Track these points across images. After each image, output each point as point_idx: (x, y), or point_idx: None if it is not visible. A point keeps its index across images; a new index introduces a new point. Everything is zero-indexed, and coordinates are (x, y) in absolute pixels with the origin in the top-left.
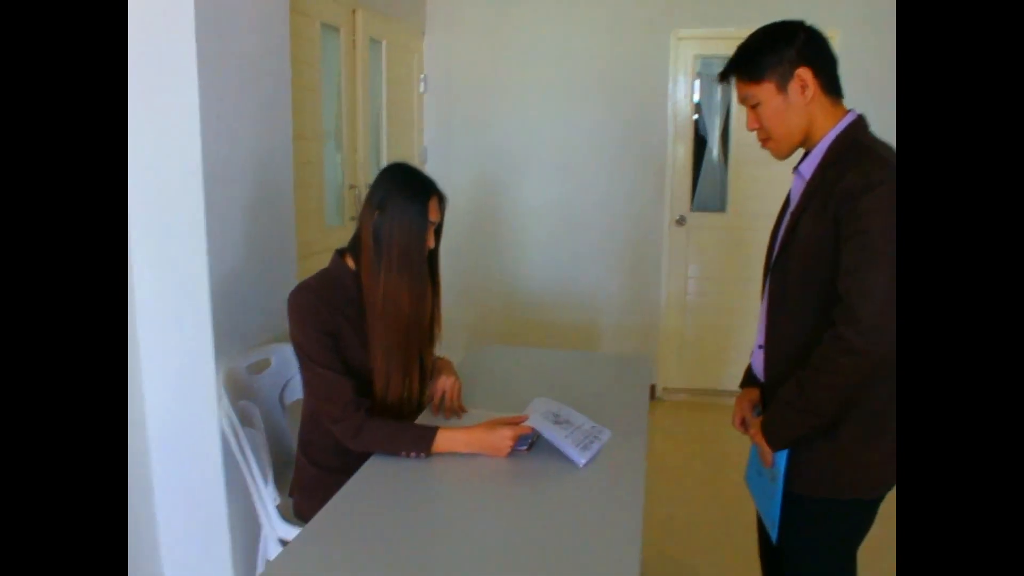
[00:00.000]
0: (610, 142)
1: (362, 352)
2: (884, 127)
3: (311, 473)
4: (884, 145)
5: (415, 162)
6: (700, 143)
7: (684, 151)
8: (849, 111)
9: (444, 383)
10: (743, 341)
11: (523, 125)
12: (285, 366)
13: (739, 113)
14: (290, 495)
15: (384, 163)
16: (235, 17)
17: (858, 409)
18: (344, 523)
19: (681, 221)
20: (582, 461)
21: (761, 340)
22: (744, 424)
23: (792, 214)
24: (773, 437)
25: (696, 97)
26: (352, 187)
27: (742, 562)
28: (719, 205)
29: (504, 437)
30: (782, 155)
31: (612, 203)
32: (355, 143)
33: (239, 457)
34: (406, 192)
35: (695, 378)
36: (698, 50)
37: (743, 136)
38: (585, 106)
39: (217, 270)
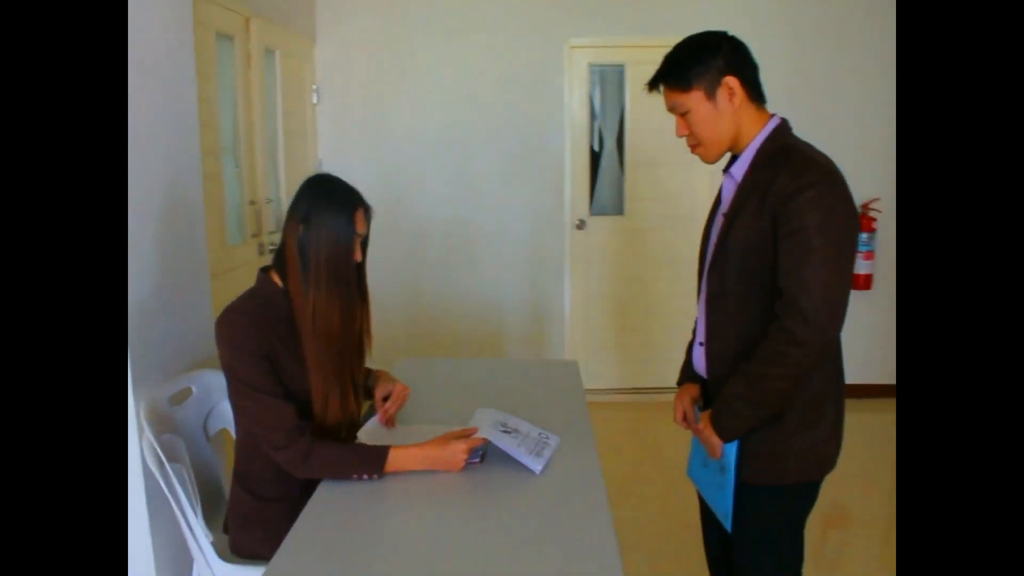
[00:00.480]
0: (508, 149)
1: (299, 373)
2: None
3: (250, 505)
4: (810, 147)
5: (305, 174)
6: (597, 149)
7: (581, 157)
8: (772, 115)
9: (399, 389)
10: (648, 339)
11: (420, 134)
12: (207, 395)
13: (633, 118)
14: (224, 531)
15: (282, 178)
16: (139, 25)
17: (798, 396)
18: (307, 556)
19: (581, 225)
20: (538, 468)
21: (702, 338)
22: (685, 419)
23: (726, 215)
24: (724, 430)
25: (592, 104)
26: (252, 203)
27: (690, 556)
28: (617, 208)
29: (458, 451)
30: (711, 159)
31: (513, 210)
32: (254, 157)
33: (168, 495)
34: (331, 204)
35: (603, 378)
36: (591, 58)
37: (638, 141)
38: (482, 114)
39: (133, 296)
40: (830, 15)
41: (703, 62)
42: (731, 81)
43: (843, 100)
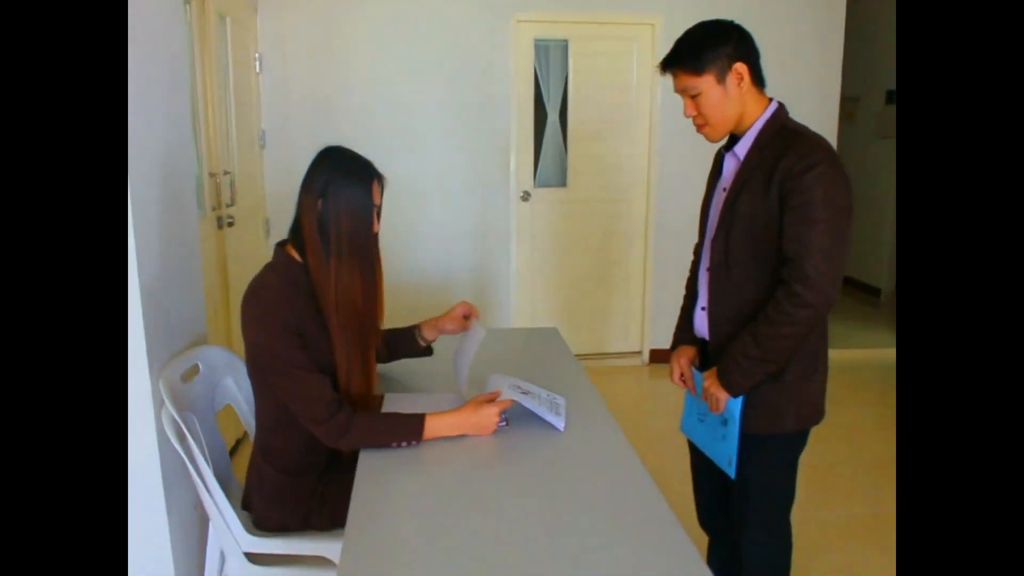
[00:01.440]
0: (454, 122)
1: (325, 346)
2: None
3: (277, 481)
4: (808, 129)
5: (252, 146)
6: (541, 122)
7: (526, 129)
8: (771, 99)
9: (462, 308)
10: (591, 307)
11: (365, 106)
12: (212, 371)
13: (576, 93)
14: (244, 507)
15: (235, 149)
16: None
17: (797, 353)
18: (379, 523)
19: (526, 197)
20: (562, 426)
21: (704, 303)
22: (683, 379)
23: (730, 190)
24: (733, 386)
25: (537, 77)
26: (212, 175)
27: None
28: (560, 180)
29: (490, 415)
30: (716, 138)
31: (460, 182)
32: (211, 128)
33: (191, 470)
34: (348, 177)
35: None
36: (536, 33)
37: (580, 114)
38: (428, 88)
39: (143, 274)
40: None
41: (715, 48)
42: (740, 67)
43: (785, 76)
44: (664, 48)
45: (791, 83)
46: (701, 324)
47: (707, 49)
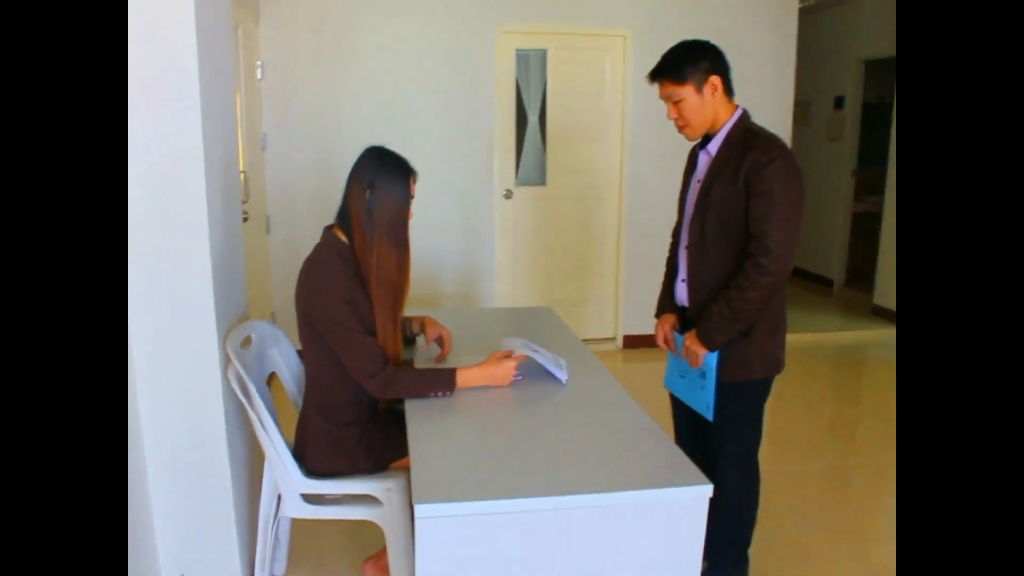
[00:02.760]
0: (442, 126)
1: (368, 315)
2: (671, 125)
3: (328, 431)
4: (765, 130)
5: (256, 148)
6: (522, 126)
7: (508, 132)
8: (737, 106)
9: (447, 333)
10: (568, 296)
11: (358, 111)
12: (262, 342)
13: (554, 98)
14: (294, 456)
15: (244, 150)
16: (206, 10)
17: (763, 314)
18: (432, 451)
19: (508, 195)
20: (564, 378)
21: (683, 275)
22: (666, 341)
23: (704, 181)
24: (709, 342)
25: (518, 84)
26: (243, 172)
27: None
28: (540, 179)
29: (509, 368)
30: (694, 138)
31: (447, 182)
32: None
33: (255, 419)
34: (392, 173)
35: None
36: (517, 43)
37: (558, 118)
38: (418, 94)
39: (214, 253)
40: (734, 6)
41: (696, 63)
42: (715, 79)
43: (744, 82)
44: (634, 57)
45: (750, 90)
46: (682, 294)
47: (688, 63)
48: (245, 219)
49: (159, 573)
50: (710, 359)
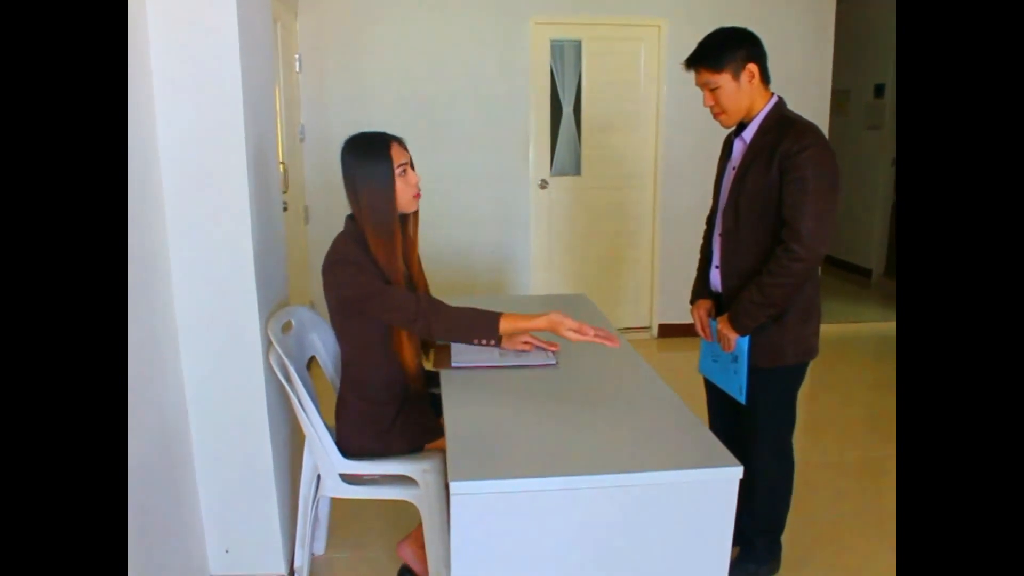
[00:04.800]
0: (477, 116)
1: None
2: (706, 115)
3: (362, 409)
4: (801, 117)
5: (295, 140)
6: (556, 116)
7: (543, 122)
8: (773, 94)
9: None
10: (604, 284)
11: (395, 102)
12: (302, 327)
13: (589, 88)
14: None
15: (283, 139)
16: (247, 6)
17: (796, 300)
18: (468, 428)
19: (543, 184)
20: (554, 361)
21: (717, 262)
22: (702, 327)
23: (739, 168)
24: (740, 326)
25: (553, 74)
26: (282, 163)
27: None
28: (575, 169)
29: (564, 317)
30: (730, 125)
31: (482, 171)
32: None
33: (295, 399)
34: (362, 157)
35: None
36: (552, 34)
37: (592, 108)
38: (454, 85)
39: (255, 239)
40: None
41: (733, 51)
42: (752, 67)
43: (780, 71)
44: (670, 47)
45: (786, 78)
46: (715, 280)
47: (726, 51)
48: (284, 209)
49: (205, 548)
50: (742, 343)
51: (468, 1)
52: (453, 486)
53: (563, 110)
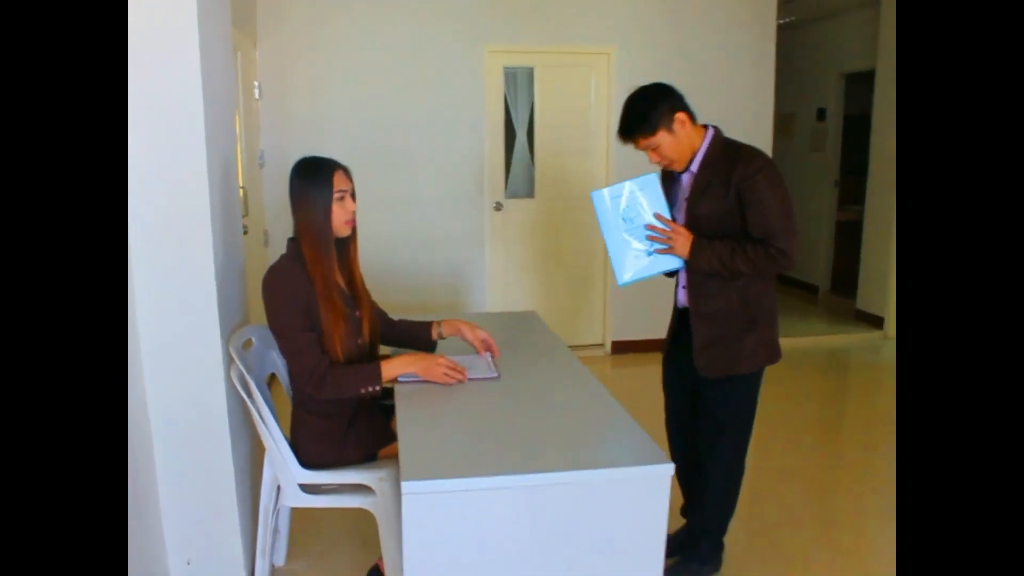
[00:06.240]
0: (434, 141)
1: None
2: None
3: (316, 425)
4: (741, 143)
5: (255, 165)
6: (510, 140)
7: (497, 147)
8: (706, 126)
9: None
10: (557, 304)
11: (353, 128)
12: (262, 344)
13: (541, 114)
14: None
15: (243, 164)
16: (210, 26)
17: (766, 312)
18: (428, 443)
19: (498, 207)
20: (495, 374)
21: (684, 283)
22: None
23: (690, 198)
24: (693, 259)
25: (506, 100)
26: (242, 188)
27: None
28: (529, 192)
29: (438, 362)
30: (682, 168)
31: (438, 194)
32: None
33: (255, 413)
34: (309, 181)
35: None
36: (505, 61)
37: (545, 133)
38: (410, 110)
39: (217, 260)
40: (714, 23)
41: (658, 108)
42: (681, 116)
43: (726, 95)
44: (619, 73)
45: (731, 102)
46: (682, 298)
47: (652, 112)
48: (245, 232)
49: (167, 559)
50: (674, 263)
51: (424, 29)
52: (405, 486)
53: (517, 135)
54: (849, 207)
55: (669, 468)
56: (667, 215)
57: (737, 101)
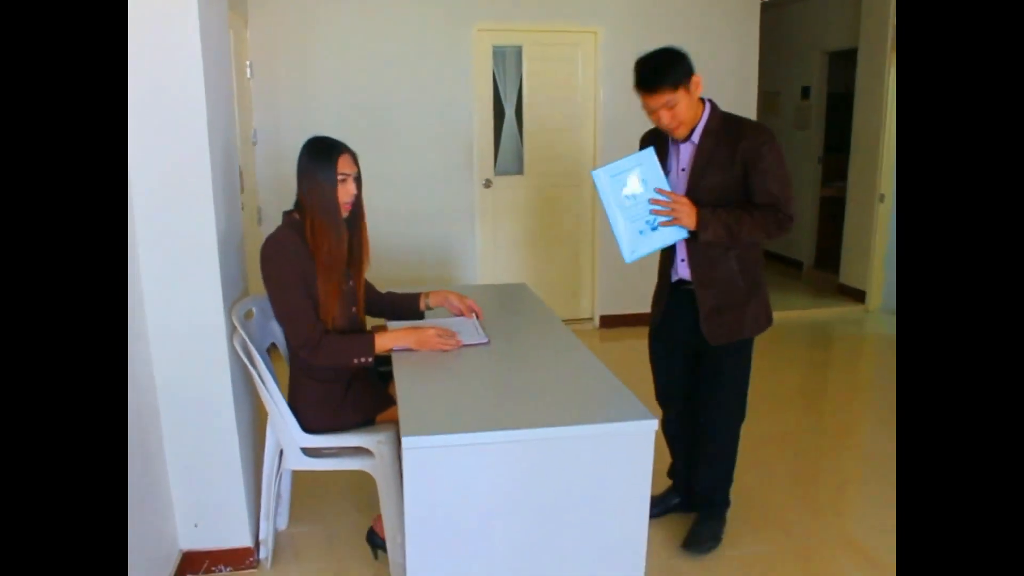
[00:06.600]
0: (424, 119)
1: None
2: (640, 116)
3: (315, 389)
4: (743, 116)
5: (248, 144)
6: (499, 118)
7: (486, 124)
8: (702, 100)
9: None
10: (546, 277)
11: (344, 107)
12: (263, 315)
13: (530, 92)
14: None
15: (239, 144)
16: (208, 13)
17: (762, 278)
18: (425, 402)
19: (488, 184)
20: (486, 339)
21: (683, 256)
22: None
23: (693, 168)
24: (700, 228)
25: (495, 78)
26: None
27: None
28: (518, 169)
29: (431, 334)
30: (685, 135)
31: (429, 172)
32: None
33: (259, 380)
34: (315, 158)
35: None
36: (494, 40)
37: (534, 111)
38: (400, 89)
39: (219, 232)
40: (699, 3)
41: (680, 67)
42: (696, 78)
43: (711, 74)
44: (605, 52)
45: (717, 81)
46: (683, 271)
47: (675, 68)
48: (242, 208)
49: (175, 522)
50: (679, 234)
51: (414, 9)
52: (405, 441)
53: (505, 113)
54: (832, 183)
55: (653, 424)
56: (667, 188)
57: (722, 80)
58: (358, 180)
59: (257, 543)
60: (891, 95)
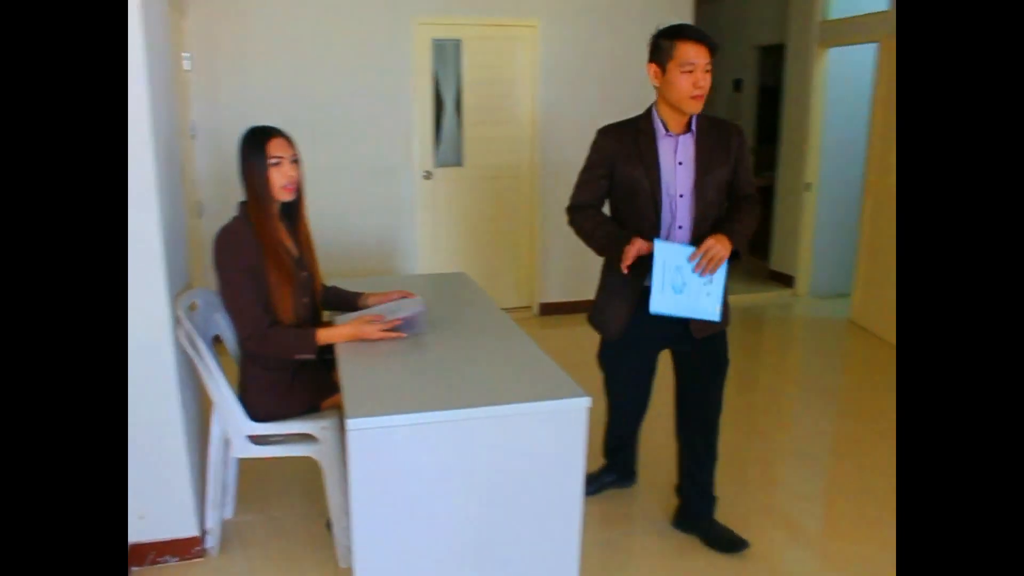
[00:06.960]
0: (365, 112)
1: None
2: (578, 108)
3: (262, 377)
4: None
5: (186, 137)
6: (439, 110)
7: (426, 117)
8: None
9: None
10: (486, 268)
11: (283, 100)
12: (207, 307)
13: (469, 85)
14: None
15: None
16: (150, 3)
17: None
18: (368, 386)
19: (428, 176)
20: (422, 310)
21: (681, 222)
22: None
23: (697, 162)
24: (738, 244)
25: (435, 71)
26: None
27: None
28: (458, 160)
29: (367, 329)
30: (700, 109)
31: (369, 163)
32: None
33: (203, 371)
34: (249, 146)
35: None
36: (433, 33)
37: (473, 104)
38: (340, 82)
39: (163, 223)
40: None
41: None
42: None
43: (641, 70)
44: (543, 45)
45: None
46: (683, 237)
47: None
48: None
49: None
50: (711, 311)
51: (354, 2)
52: (349, 423)
53: (445, 105)
54: (763, 173)
55: (586, 401)
56: (691, 251)
57: None
58: (296, 162)
59: (204, 532)
60: (817, 88)
